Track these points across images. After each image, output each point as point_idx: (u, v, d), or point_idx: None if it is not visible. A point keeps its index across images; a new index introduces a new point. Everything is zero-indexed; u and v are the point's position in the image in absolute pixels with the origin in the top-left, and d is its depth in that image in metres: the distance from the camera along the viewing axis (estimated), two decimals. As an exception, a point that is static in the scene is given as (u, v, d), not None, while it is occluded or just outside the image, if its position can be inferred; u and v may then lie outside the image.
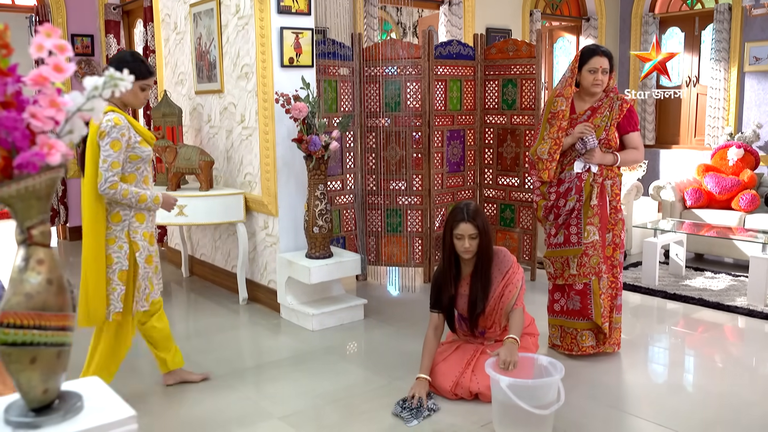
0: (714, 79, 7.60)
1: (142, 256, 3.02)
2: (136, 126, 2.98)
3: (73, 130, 1.27)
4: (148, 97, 3.10)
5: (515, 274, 3.22)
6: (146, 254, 3.04)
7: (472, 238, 3.12)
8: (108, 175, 2.87)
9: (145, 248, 3.03)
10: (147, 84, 3.00)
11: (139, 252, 3.01)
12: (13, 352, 1.19)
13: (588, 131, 3.49)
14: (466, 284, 3.25)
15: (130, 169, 2.99)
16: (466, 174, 5.38)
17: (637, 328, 4.23)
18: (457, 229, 3.14)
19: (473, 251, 3.15)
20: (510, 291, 3.19)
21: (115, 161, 2.88)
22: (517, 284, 3.21)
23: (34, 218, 1.23)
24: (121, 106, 2.99)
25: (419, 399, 3.04)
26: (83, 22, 6.90)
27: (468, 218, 3.12)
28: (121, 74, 1.30)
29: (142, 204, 2.97)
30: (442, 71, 5.09)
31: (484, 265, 3.18)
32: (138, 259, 3.02)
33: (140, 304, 3.08)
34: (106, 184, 2.86)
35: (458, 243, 3.15)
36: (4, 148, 1.17)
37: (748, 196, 5.82)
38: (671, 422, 2.95)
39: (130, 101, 3.01)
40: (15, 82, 1.19)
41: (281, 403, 3.19)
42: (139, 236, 3.01)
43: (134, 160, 2.98)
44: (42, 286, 1.22)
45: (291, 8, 4.27)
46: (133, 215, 3.00)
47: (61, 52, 1.21)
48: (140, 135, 2.99)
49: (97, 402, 1.34)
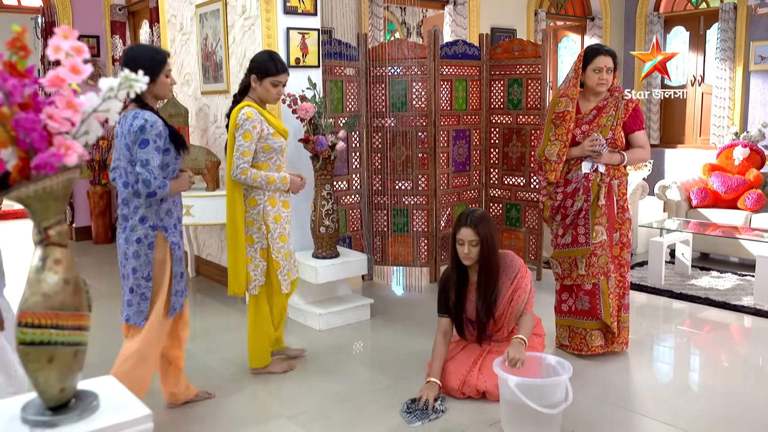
0: (719, 78, 7.59)
1: (273, 236, 3.33)
2: (269, 119, 3.29)
3: (89, 131, 1.28)
4: (281, 93, 3.36)
5: (523, 278, 3.21)
6: (278, 234, 3.34)
7: (472, 245, 3.11)
8: (239, 163, 3.20)
9: (276, 229, 3.33)
10: (278, 80, 3.28)
11: (270, 233, 3.32)
12: (31, 352, 1.21)
13: (598, 146, 3.47)
14: (473, 290, 3.24)
15: (263, 158, 3.31)
16: (471, 174, 5.38)
17: (644, 328, 4.23)
18: (458, 233, 3.14)
19: (473, 258, 3.13)
20: (519, 296, 3.18)
21: (246, 150, 3.20)
22: (526, 288, 3.20)
23: (51, 218, 1.24)
24: (258, 102, 3.31)
25: (425, 401, 3.04)
26: (89, 23, 6.92)
27: (470, 224, 3.10)
28: (136, 75, 1.31)
29: (272, 185, 3.27)
30: (448, 71, 5.10)
31: (485, 274, 3.16)
32: (270, 240, 3.32)
33: (284, 285, 3.40)
34: (237, 170, 3.20)
35: (459, 249, 3.15)
36: (22, 149, 1.19)
37: (754, 196, 5.81)
38: (678, 421, 2.95)
39: (264, 97, 3.31)
40: (32, 84, 1.21)
41: (289, 403, 3.20)
42: (270, 219, 3.33)
43: (267, 150, 3.29)
44: (59, 285, 1.23)
45: (297, 9, 4.28)
46: (266, 200, 3.32)
47: (77, 53, 1.22)
48: (273, 128, 3.29)
49: (113, 401, 1.35)
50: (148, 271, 2.79)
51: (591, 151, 3.49)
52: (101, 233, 6.88)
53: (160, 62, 2.77)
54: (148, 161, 2.66)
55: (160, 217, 2.79)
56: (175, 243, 2.84)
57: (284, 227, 3.38)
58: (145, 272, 2.79)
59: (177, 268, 2.87)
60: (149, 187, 2.66)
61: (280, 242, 3.36)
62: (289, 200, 3.45)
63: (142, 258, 2.77)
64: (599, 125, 3.55)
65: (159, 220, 2.79)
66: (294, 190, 3.40)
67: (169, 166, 2.78)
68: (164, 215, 2.81)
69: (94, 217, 6.88)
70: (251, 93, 3.33)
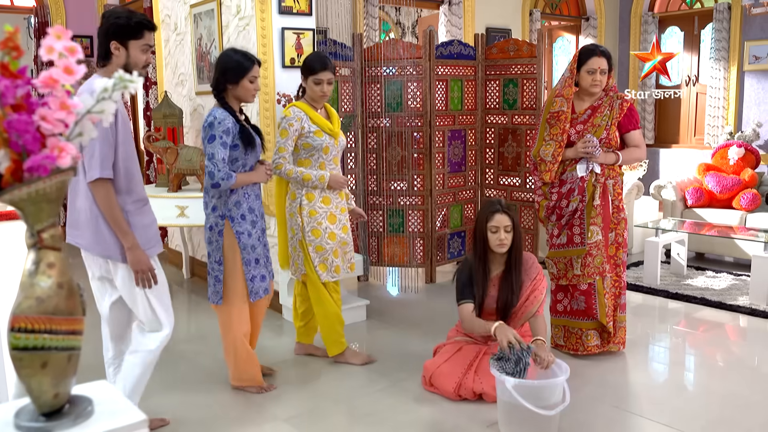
0: (714, 78, 7.60)
1: (306, 230, 3.42)
2: (314, 118, 3.38)
3: (83, 132, 1.26)
4: (325, 91, 3.41)
5: (541, 281, 3.20)
6: (310, 228, 3.42)
7: (507, 231, 3.09)
8: (275, 158, 3.35)
9: (309, 224, 3.42)
10: (319, 78, 3.36)
11: (303, 226, 3.43)
12: (24, 357, 1.19)
13: (591, 147, 3.47)
14: (492, 286, 3.21)
15: (304, 155, 3.42)
16: (467, 174, 5.38)
17: (640, 328, 4.23)
18: (492, 220, 3.09)
19: (508, 245, 3.11)
20: (536, 297, 3.17)
21: (282, 146, 3.34)
22: (543, 291, 3.19)
23: (45, 221, 1.22)
24: (310, 102, 3.43)
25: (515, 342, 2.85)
26: (82, 23, 6.89)
27: (503, 210, 3.10)
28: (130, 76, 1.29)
29: (308, 182, 3.38)
30: (443, 71, 5.09)
31: (515, 263, 3.14)
32: (303, 233, 3.43)
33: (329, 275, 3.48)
34: (272, 165, 3.29)
35: (493, 237, 3.10)
36: (15, 151, 1.17)
37: (749, 195, 5.82)
38: (675, 422, 2.95)
39: (311, 95, 3.42)
40: (25, 85, 1.19)
41: (285, 405, 3.18)
42: (305, 212, 3.42)
43: (307, 147, 3.40)
44: (53, 289, 1.21)
45: (292, 9, 4.26)
46: (303, 194, 3.42)
47: (71, 54, 1.20)
48: (317, 126, 3.38)
49: (108, 406, 1.33)
50: (219, 256, 3.11)
51: (584, 153, 3.48)
52: (95, 234, 6.83)
53: (246, 68, 3.02)
54: (213, 155, 2.93)
55: (228, 207, 3.06)
56: (241, 233, 3.08)
57: (319, 222, 3.43)
58: (217, 257, 3.11)
59: (249, 256, 3.11)
60: (213, 179, 2.93)
61: (312, 235, 3.43)
62: (332, 197, 3.49)
63: (214, 244, 3.10)
64: (594, 125, 3.55)
65: (227, 210, 3.07)
66: (336, 187, 3.48)
67: (239, 161, 3.03)
68: (232, 206, 3.07)
69: (88, 218, 6.84)
70: (306, 93, 3.47)
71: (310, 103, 3.43)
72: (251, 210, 3.13)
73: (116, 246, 2.56)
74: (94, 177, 2.46)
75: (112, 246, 2.56)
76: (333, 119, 3.52)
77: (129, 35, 2.56)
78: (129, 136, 2.59)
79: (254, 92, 3.08)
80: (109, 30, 2.56)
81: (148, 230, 2.65)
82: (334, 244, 3.48)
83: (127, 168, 2.56)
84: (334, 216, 3.50)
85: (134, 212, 2.60)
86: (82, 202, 2.57)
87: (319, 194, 3.44)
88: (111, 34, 2.56)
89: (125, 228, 2.53)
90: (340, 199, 3.56)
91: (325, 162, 3.46)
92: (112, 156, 2.49)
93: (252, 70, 3.04)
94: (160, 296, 2.71)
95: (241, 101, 3.11)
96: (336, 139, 3.48)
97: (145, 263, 2.57)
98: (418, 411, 3.10)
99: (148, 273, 2.58)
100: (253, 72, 3.05)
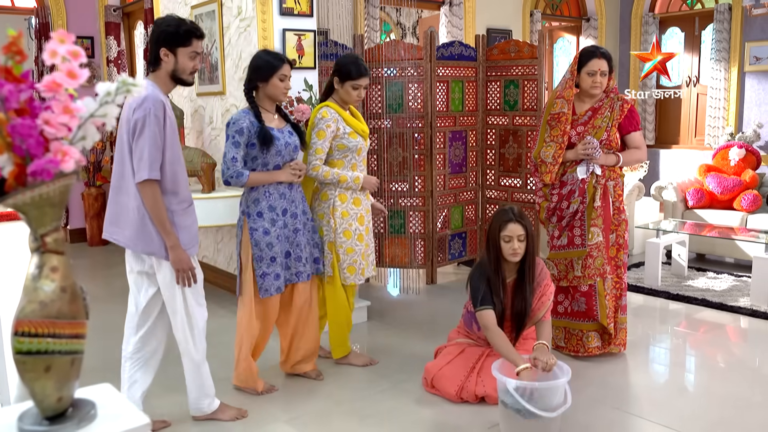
0: (714, 79, 7.60)
1: (338, 231, 3.43)
2: (348, 119, 3.40)
3: (86, 136, 1.26)
4: (362, 96, 3.45)
5: (549, 287, 3.18)
6: (342, 230, 3.43)
7: (520, 240, 3.05)
8: (312, 159, 3.35)
9: (341, 225, 3.42)
10: (358, 84, 3.39)
11: (335, 228, 3.43)
12: (27, 361, 1.19)
13: (591, 149, 3.47)
14: (509, 289, 3.18)
15: (338, 156, 3.43)
16: (468, 175, 5.38)
17: (640, 329, 4.23)
18: (505, 230, 3.05)
19: (521, 254, 3.07)
20: (543, 303, 3.14)
21: (319, 148, 3.34)
22: (550, 297, 3.17)
23: (48, 225, 1.22)
24: (340, 102, 3.43)
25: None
26: (83, 24, 6.88)
27: (516, 219, 3.05)
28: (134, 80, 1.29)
29: (343, 183, 3.40)
30: (444, 72, 5.09)
31: (530, 270, 3.10)
32: (335, 234, 3.43)
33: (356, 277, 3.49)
34: (309, 166, 3.34)
35: (506, 246, 3.05)
36: (18, 156, 1.17)
37: (750, 197, 5.82)
38: (676, 424, 2.95)
39: (345, 99, 3.43)
40: (28, 89, 1.19)
41: (286, 407, 3.18)
42: (338, 214, 3.43)
43: (341, 149, 3.41)
44: (56, 293, 1.21)
45: (293, 10, 4.26)
46: (336, 195, 3.43)
47: (74, 58, 1.20)
48: (351, 127, 3.40)
49: (111, 409, 1.33)
50: (238, 250, 3.22)
51: (584, 155, 3.48)
52: (96, 235, 6.83)
53: (275, 66, 3.09)
54: (225, 154, 3.07)
55: (247, 204, 3.17)
56: (254, 229, 3.13)
57: (350, 223, 3.45)
58: (238, 250, 3.22)
59: (260, 253, 3.15)
60: (223, 176, 3.08)
61: (344, 237, 3.44)
62: (361, 198, 3.51)
63: (237, 238, 3.23)
64: (594, 126, 3.55)
65: (246, 206, 3.18)
66: (369, 188, 3.51)
67: (257, 160, 3.11)
68: (251, 203, 3.16)
69: (89, 219, 6.84)
70: (334, 94, 3.47)
71: (340, 104, 3.45)
72: (271, 208, 3.16)
73: (161, 244, 2.69)
74: (142, 178, 2.59)
75: (156, 244, 2.69)
76: (360, 119, 3.55)
77: (178, 42, 2.69)
78: (176, 140, 2.71)
79: (285, 90, 3.15)
80: (159, 37, 2.70)
81: (190, 230, 2.78)
82: (362, 246, 3.51)
83: (174, 170, 2.69)
84: (363, 217, 3.53)
85: (178, 213, 2.73)
86: (130, 200, 2.68)
87: (351, 195, 3.46)
88: (161, 41, 2.69)
89: (169, 228, 2.66)
90: (367, 201, 3.58)
91: (357, 163, 3.48)
92: (159, 158, 2.62)
93: (282, 68, 3.11)
94: (197, 295, 2.85)
95: (273, 100, 3.18)
96: (366, 140, 3.51)
97: (186, 262, 2.71)
98: (420, 413, 3.10)
99: (188, 272, 2.72)
100: (283, 70, 3.11)
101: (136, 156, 2.60)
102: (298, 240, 3.26)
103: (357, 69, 3.38)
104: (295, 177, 3.20)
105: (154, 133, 2.57)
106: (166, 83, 2.76)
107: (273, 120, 3.19)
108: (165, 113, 2.63)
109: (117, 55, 6.88)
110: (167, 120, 2.63)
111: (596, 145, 3.47)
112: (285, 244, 3.23)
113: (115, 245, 2.92)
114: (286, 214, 3.21)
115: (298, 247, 3.26)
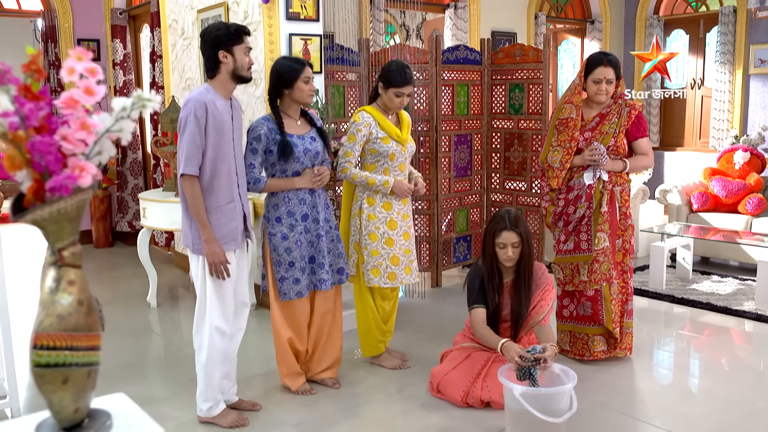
0: (719, 81, 7.60)
1: (363, 233, 3.49)
2: (383, 124, 3.45)
3: (102, 151, 1.28)
4: (404, 103, 3.49)
5: (549, 292, 3.22)
6: (367, 232, 3.48)
7: (515, 247, 3.10)
8: (341, 161, 3.43)
9: (366, 227, 3.48)
10: (401, 92, 3.43)
11: (361, 229, 3.50)
12: (46, 374, 1.20)
13: (598, 155, 3.48)
14: (507, 291, 3.23)
15: (370, 160, 3.50)
16: (473, 178, 5.39)
17: (645, 333, 4.24)
18: (499, 237, 3.11)
19: (516, 259, 3.13)
20: (542, 306, 3.18)
21: (348, 150, 3.41)
22: (550, 302, 3.21)
23: (66, 240, 1.24)
24: (382, 107, 3.49)
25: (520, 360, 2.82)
26: (89, 27, 6.92)
27: (510, 226, 3.09)
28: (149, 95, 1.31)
29: (372, 186, 3.44)
30: (449, 76, 5.10)
31: (527, 273, 3.15)
32: (360, 235, 3.50)
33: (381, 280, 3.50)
34: (338, 168, 3.43)
35: (501, 252, 3.12)
36: (37, 172, 1.19)
37: (755, 200, 5.82)
38: (681, 428, 2.96)
39: (387, 104, 3.48)
40: (47, 106, 1.21)
41: (292, 411, 3.20)
42: (364, 216, 3.49)
43: (373, 153, 3.47)
44: (73, 307, 1.23)
45: (299, 15, 4.28)
46: (365, 197, 3.49)
47: (92, 75, 1.22)
48: (385, 132, 3.44)
49: (126, 420, 1.35)
50: (261, 254, 3.28)
51: (591, 161, 3.50)
52: (101, 237, 6.87)
53: (297, 71, 3.11)
54: (244, 159, 3.09)
55: (267, 209, 3.22)
56: (273, 234, 3.18)
57: (377, 226, 3.49)
58: (260, 254, 3.30)
59: (278, 257, 3.18)
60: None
61: (369, 239, 3.49)
62: (393, 202, 3.52)
63: (260, 242, 3.32)
64: (602, 132, 3.56)
65: (267, 212, 3.22)
66: (400, 194, 3.50)
67: (276, 166, 3.14)
68: (271, 208, 3.21)
69: (95, 222, 6.87)
70: (378, 99, 3.51)
71: (382, 109, 3.49)
72: (290, 213, 3.18)
73: (191, 238, 2.86)
74: (179, 172, 2.77)
75: (188, 237, 2.87)
76: (403, 126, 3.57)
77: (233, 42, 2.81)
78: (223, 141, 2.81)
79: (310, 93, 3.17)
80: (214, 41, 2.81)
81: (226, 227, 2.88)
82: (392, 250, 3.51)
83: (215, 168, 2.82)
84: (395, 222, 3.52)
85: (209, 210, 2.83)
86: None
87: (381, 199, 3.49)
88: (217, 44, 2.80)
89: (204, 221, 2.80)
90: (403, 206, 3.57)
91: (389, 168, 3.50)
92: (197, 155, 2.76)
93: (304, 71, 3.13)
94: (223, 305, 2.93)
95: (300, 104, 3.20)
96: (404, 146, 3.51)
97: (219, 255, 2.81)
98: (427, 417, 3.12)
99: (221, 266, 2.83)
100: (306, 73, 3.14)
101: (178, 152, 2.77)
102: (320, 246, 3.24)
103: (402, 77, 3.41)
104: (315, 183, 3.19)
105: (193, 132, 2.71)
106: (225, 85, 2.86)
107: (295, 126, 3.19)
108: (207, 114, 2.74)
109: (123, 58, 6.91)
110: (209, 120, 2.74)
111: (603, 152, 3.48)
112: (308, 249, 3.23)
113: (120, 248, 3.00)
114: (307, 219, 3.21)
115: (320, 254, 3.24)
